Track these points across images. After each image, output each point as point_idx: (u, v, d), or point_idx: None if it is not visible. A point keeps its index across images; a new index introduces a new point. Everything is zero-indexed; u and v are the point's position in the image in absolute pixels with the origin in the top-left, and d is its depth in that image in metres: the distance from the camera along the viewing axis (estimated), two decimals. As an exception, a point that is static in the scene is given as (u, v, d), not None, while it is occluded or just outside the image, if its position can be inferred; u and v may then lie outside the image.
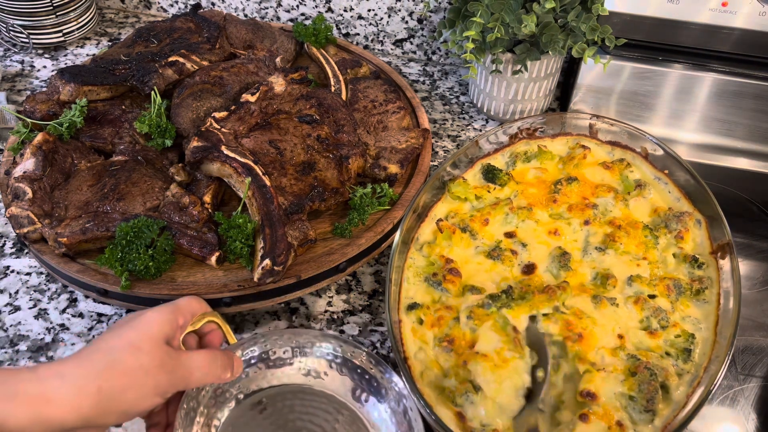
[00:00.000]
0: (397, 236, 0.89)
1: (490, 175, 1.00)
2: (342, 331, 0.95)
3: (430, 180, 0.95)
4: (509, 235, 0.92)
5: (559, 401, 0.76)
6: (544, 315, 0.82)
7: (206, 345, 0.76)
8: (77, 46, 1.44)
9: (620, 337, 0.80)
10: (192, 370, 0.67)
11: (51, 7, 1.34)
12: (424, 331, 0.83)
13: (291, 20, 1.48)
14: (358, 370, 0.81)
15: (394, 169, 1.04)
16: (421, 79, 1.42)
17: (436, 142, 1.26)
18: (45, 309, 0.95)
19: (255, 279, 0.87)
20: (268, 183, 0.94)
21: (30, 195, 0.94)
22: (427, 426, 0.75)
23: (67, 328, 0.93)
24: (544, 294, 0.83)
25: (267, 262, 0.86)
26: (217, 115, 1.01)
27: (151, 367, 0.63)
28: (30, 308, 0.95)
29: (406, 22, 1.42)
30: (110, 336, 0.65)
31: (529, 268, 0.89)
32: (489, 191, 0.98)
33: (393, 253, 0.87)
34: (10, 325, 0.92)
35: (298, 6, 1.46)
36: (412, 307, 0.85)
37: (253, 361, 0.81)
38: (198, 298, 0.76)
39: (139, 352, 0.63)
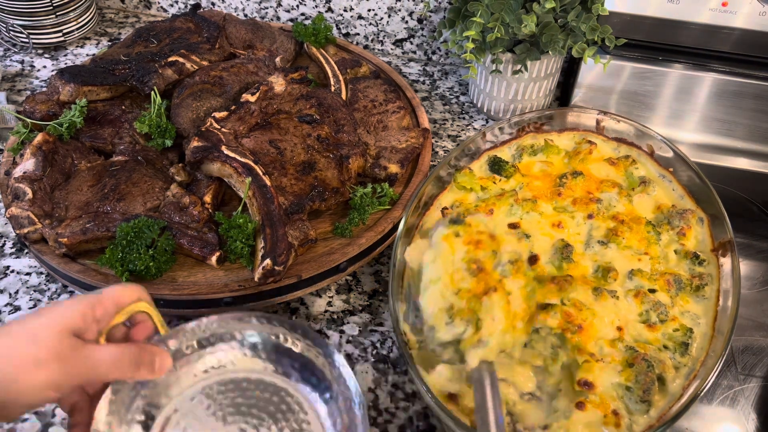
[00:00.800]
0: (401, 223, 0.89)
1: (497, 166, 1.01)
2: (342, 332, 0.95)
3: (437, 168, 0.96)
4: (513, 226, 0.93)
5: (556, 390, 0.77)
6: (544, 308, 0.82)
7: (130, 338, 0.70)
8: (77, 46, 1.44)
9: (619, 329, 0.81)
10: (94, 364, 0.62)
11: (51, 7, 1.34)
12: (458, 244, 0.82)
13: (291, 20, 1.48)
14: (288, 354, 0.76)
15: (394, 168, 1.04)
16: (421, 79, 1.42)
17: (436, 142, 1.26)
18: (45, 309, 0.95)
19: (256, 279, 0.87)
20: (268, 183, 0.94)
21: (30, 195, 0.94)
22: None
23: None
24: (554, 285, 0.84)
25: (268, 261, 0.86)
26: (217, 115, 1.01)
27: (46, 359, 0.59)
28: (30, 308, 0.95)
29: (406, 22, 1.42)
30: (17, 321, 0.61)
31: (532, 259, 0.90)
32: (494, 182, 0.99)
33: (398, 240, 0.87)
34: (11, 326, 0.92)
35: (298, 6, 1.46)
36: (456, 221, 0.84)
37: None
38: (134, 286, 0.70)
39: (33, 342, 0.59)
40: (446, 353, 0.77)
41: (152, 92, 1.07)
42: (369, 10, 1.42)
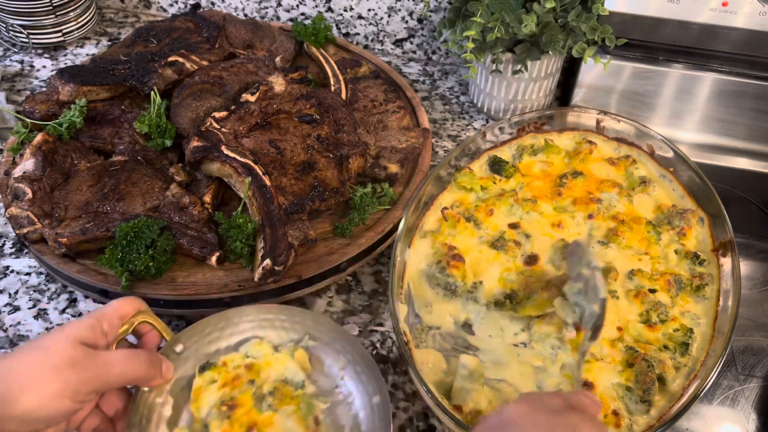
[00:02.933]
0: (401, 223, 0.89)
1: (497, 166, 1.01)
2: (342, 332, 0.95)
3: (437, 168, 0.96)
4: (513, 226, 0.93)
5: (556, 389, 0.77)
6: (540, 317, 0.82)
7: (142, 347, 0.73)
8: (77, 46, 1.44)
9: (619, 329, 0.81)
10: (109, 366, 0.63)
11: (51, 7, 1.34)
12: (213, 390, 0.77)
13: (291, 20, 1.48)
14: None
15: (394, 168, 1.04)
16: (421, 78, 1.42)
17: (436, 142, 1.26)
18: (45, 309, 0.95)
19: (255, 279, 0.87)
20: (268, 183, 0.93)
21: (30, 195, 0.94)
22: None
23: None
24: (547, 291, 0.84)
25: (267, 262, 0.86)
26: (217, 114, 1.01)
27: (60, 366, 0.60)
28: (30, 308, 0.95)
29: (406, 22, 1.42)
30: (27, 343, 0.63)
31: (532, 259, 0.90)
32: (495, 182, 1.00)
33: (398, 240, 0.87)
34: (10, 325, 0.92)
35: (297, 6, 1.45)
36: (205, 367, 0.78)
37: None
38: (134, 299, 0.73)
39: (46, 351, 0.60)
40: None
41: (152, 92, 1.07)
42: (369, 10, 1.42)
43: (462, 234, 0.92)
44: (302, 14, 1.47)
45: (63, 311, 0.95)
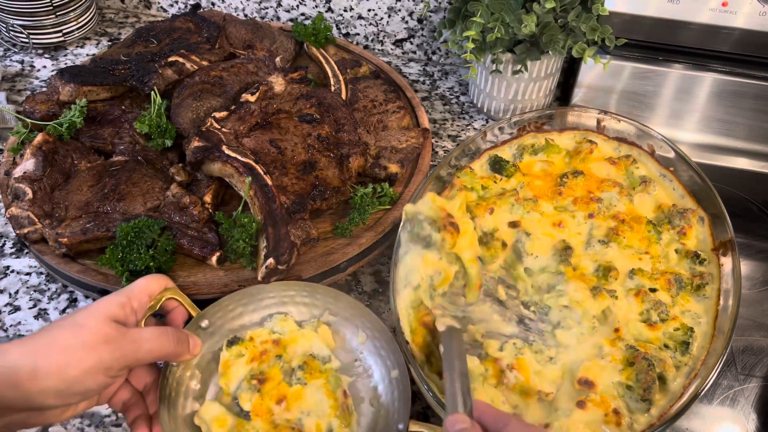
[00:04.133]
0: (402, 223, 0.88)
1: (497, 166, 1.01)
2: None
3: (437, 168, 0.96)
4: (514, 224, 0.93)
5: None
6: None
7: (169, 324, 0.75)
8: (77, 46, 1.44)
9: (616, 330, 0.82)
10: (140, 343, 0.65)
11: (51, 7, 1.34)
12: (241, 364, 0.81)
13: (291, 20, 1.48)
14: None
15: (394, 168, 1.04)
16: (421, 79, 1.42)
17: (436, 142, 1.26)
18: (45, 309, 0.95)
19: (259, 278, 0.87)
20: (269, 182, 0.94)
21: (30, 195, 0.94)
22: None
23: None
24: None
25: (271, 261, 0.86)
26: (218, 114, 1.01)
27: (94, 343, 0.62)
28: (30, 308, 0.95)
29: (406, 22, 1.42)
30: (60, 319, 0.65)
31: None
32: (495, 182, 1.00)
33: (398, 239, 0.87)
34: (10, 325, 0.92)
35: (297, 6, 1.45)
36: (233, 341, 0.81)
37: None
38: (161, 276, 0.76)
39: (80, 329, 0.63)
40: None
41: (152, 92, 1.07)
42: (369, 10, 1.42)
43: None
44: (302, 14, 1.47)
45: (63, 311, 0.95)
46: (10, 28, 1.36)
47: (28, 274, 0.99)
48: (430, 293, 0.81)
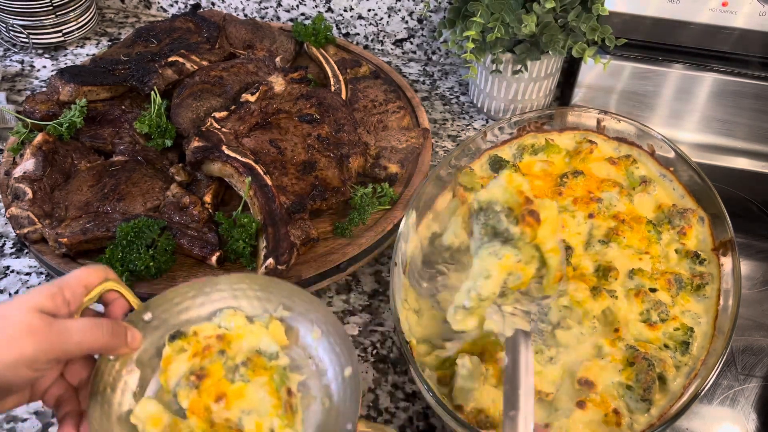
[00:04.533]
0: (402, 223, 0.88)
1: (497, 166, 1.01)
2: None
3: (437, 168, 0.96)
4: None
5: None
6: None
7: (108, 317, 0.70)
8: (77, 46, 1.44)
9: (616, 330, 0.82)
10: (68, 335, 0.60)
11: (51, 7, 1.34)
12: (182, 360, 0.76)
13: (291, 20, 1.48)
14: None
15: (394, 168, 1.04)
16: (421, 79, 1.42)
17: (436, 142, 1.26)
18: (45, 309, 0.95)
19: (257, 278, 0.87)
20: (269, 182, 0.94)
21: (30, 195, 0.94)
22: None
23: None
24: None
25: (270, 261, 0.86)
26: (218, 114, 1.01)
27: (16, 334, 0.57)
28: (30, 308, 0.94)
29: (406, 22, 1.42)
30: None
31: None
32: None
33: (398, 240, 0.87)
34: (10, 326, 0.92)
35: (297, 6, 1.45)
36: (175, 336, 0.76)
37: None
38: (100, 267, 0.69)
39: (3, 320, 0.58)
40: None
41: (152, 92, 1.07)
42: (369, 10, 1.42)
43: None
44: (302, 14, 1.47)
45: (63, 311, 0.95)
46: (10, 28, 1.36)
47: (28, 274, 0.99)
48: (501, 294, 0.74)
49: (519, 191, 0.73)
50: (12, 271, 0.99)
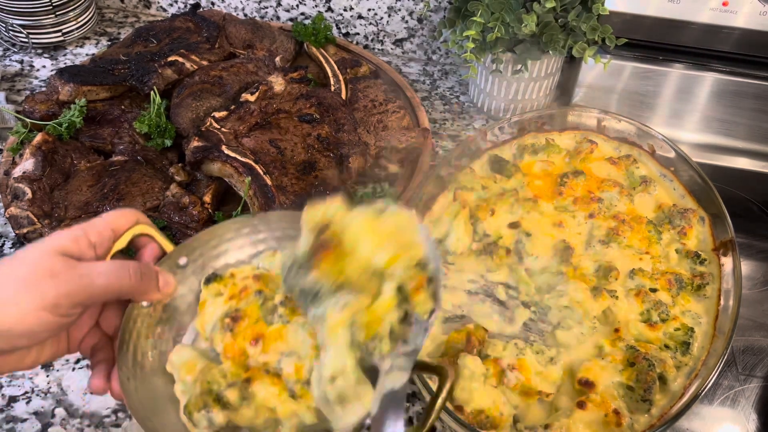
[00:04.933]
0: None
1: (498, 165, 1.01)
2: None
3: (437, 168, 0.96)
4: (514, 225, 0.93)
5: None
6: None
7: (140, 254, 0.65)
8: (77, 46, 1.44)
9: (616, 330, 0.81)
10: (92, 277, 0.56)
11: (50, 7, 1.34)
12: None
13: (291, 20, 1.48)
14: None
15: (394, 168, 1.04)
16: (421, 78, 1.42)
17: (436, 141, 1.26)
18: (45, 309, 0.95)
19: (256, 279, 0.87)
20: (269, 182, 0.93)
21: (29, 195, 0.94)
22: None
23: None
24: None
25: (268, 261, 0.86)
26: (217, 114, 1.01)
27: (34, 277, 0.54)
28: (29, 308, 0.94)
29: (406, 22, 1.42)
30: (5, 258, 0.58)
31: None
32: (495, 182, 1.00)
33: None
34: (10, 326, 0.92)
35: (297, 6, 1.45)
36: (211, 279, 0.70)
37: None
38: (130, 210, 0.64)
39: (20, 262, 0.55)
40: None
41: (152, 92, 1.07)
42: (369, 10, 1.42)
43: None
44: (302, 14, 1.47)
45: (63, 311, 0.95)
46: (10, 27, 1.35)
47: (28, 274, 0.99)
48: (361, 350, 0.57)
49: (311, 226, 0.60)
50: (11, 271, 0.99)
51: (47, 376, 0.86)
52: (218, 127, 1.00)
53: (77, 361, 0.88)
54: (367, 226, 0.58)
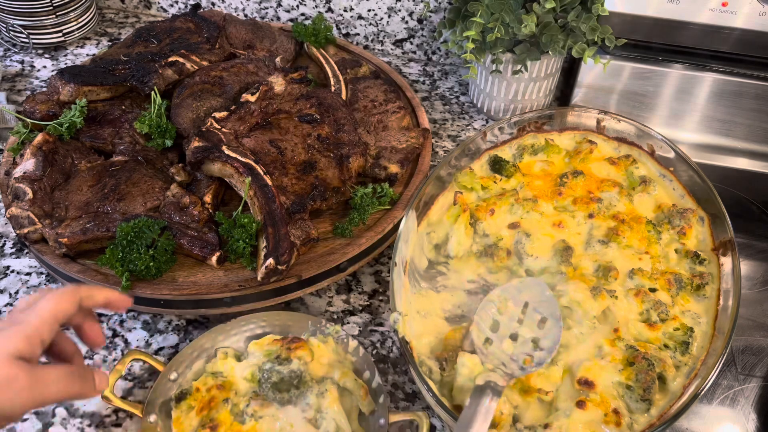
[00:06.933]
0: (402, 223, 0.88)
1: (497, 166, 1.01)
2: (342, 331, 0.95)
3: (437, 168, 0.96)
4: (514, 225, 0.93)
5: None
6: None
7: (84, 340, 0.71)
8: (77, 46, 1.44)
9: (615, 330, 0.82)
10: (48, 386, 0.60)
11: (51, 7, 1.34)
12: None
13: (291, 20, 1.48)
14: None
15: (394, 168, 1.04)
16: (421, 79, 1.42)
17: (436, 142, 1.26)
18: (45, 309, 0.95)
19: (259, 278, 0.87)
20: (269, 182, 0.94)
21: (30, 195, 0.94)
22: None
23: (67, 329, 0.93)
24: None
25: (270, 261, 0.86)
26: (218, 115, 1.01)
27: None
28: (30, 308, 0.94)
29: (406, 22, 1.42)
30: None
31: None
32: (495, 182, 1.00)
33: (398, 239, 0.87)
34: (11, 326, 0.92)
35: (298, 6, 1.46)
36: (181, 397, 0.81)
37: None
38: (67, 289, 0.67)
39: None
40: None
41: (152, 92, 1.07)
42: (369, 10, 1.42)
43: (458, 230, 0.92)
44: (302, 14, 1.47)
45: (63, 311, 0.95)
46: (10, 28, 1.36)
47: (28, 274, 0.99)
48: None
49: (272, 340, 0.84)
50: (12, 271, 0.99)
51: (48, 375, 0.86)
52: (219, 127, 1.00)
53: (78, 361, 0.88)
54: None
